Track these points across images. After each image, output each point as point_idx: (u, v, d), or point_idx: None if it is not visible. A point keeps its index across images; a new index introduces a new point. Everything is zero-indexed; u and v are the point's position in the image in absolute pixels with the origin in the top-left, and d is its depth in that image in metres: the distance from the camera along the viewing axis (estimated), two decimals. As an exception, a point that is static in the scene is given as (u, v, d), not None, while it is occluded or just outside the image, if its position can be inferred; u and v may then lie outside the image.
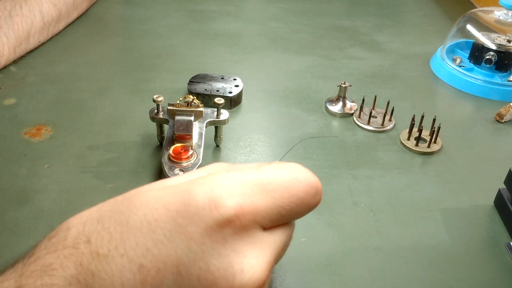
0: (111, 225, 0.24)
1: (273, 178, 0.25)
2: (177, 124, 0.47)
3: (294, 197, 0.25)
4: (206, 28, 0.81)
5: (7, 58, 0.65)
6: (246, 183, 0.25)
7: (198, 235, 0.23)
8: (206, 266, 0.22)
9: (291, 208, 0.25)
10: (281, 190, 0.25)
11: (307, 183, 0.26)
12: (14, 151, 0.51)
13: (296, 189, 0.25)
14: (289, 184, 0.25)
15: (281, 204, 0.25)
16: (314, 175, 0.27)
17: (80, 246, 0.23)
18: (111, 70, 0.67)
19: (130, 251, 0.23)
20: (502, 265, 0.41)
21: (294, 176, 0.26)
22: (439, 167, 0.52)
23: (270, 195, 0.25)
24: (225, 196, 0.23)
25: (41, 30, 0.71)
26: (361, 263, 0.40)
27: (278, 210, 0.25)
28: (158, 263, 0.22)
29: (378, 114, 0.58)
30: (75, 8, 0.78)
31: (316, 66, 0.71)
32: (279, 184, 0.25)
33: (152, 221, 0.23)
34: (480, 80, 0.65)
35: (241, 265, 0.23)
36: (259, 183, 0.25)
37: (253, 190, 0.24)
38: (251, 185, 0.25)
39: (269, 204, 0.24)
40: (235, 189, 0.24)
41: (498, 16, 0.69)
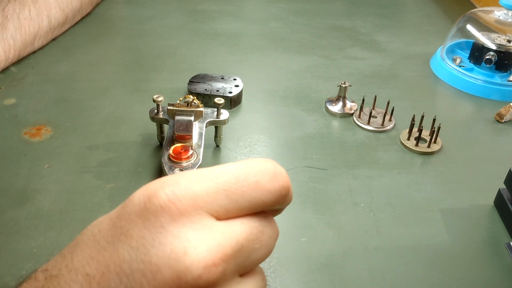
0: (66, 250, 0.25)
1: (218, 167, 0.25)
2: (177, 124, 0.47)
3: (244, 181, 0.24)
4: (206, 28, 0.81)
5: (11, 61, 0.65)
6: (185, 175, 0.24)
7: (136, 230, 0.23)
8: (148, 258, 0.22)
9: (243, 193, 0.24)
10: (226, 175, 0.24)
11: (258, 166, 0.25)
12: (14, 151, 0.51)
13: (244, 172, 0.24)
14: (237, 169, 0.24)
15: (228, 188, 0.24)
16: (272, 161, 0.25)
17: (38, 275, 0.24)
18: (111, 70, 0.67)
19: (77, 264, 0.23)
20: (502, 265, 0.41)
21: (243, 163, 0.25)
22: (439, 167, 0.52)
23: (213, 180, 0.24)
24: (159, 188, 0.23)
25: (46, 34, 0.71)
26: (361, 263, 0.40)
27: (226, 195, 0.24)
28: (101, 267, 0.23)
29: (378, 114, 0.58)
30: (80, 13, 0.79)
31: (316, 66, 0.71)
32: (224, 171, 0.24)
33: (96, 233, 0.24)
34: (480, 80, 0.65)
35: (184, 249, 0.22)
36: (201, 173, 0.24)
37: (191, 178, 0.24)
38: (191, 174, 0.24)
39: (212, 188, 0.23)
40: (171, 181, 0.24)
41: (498, 16, 0.69)
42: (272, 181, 0.24)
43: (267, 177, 0.24)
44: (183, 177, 0.24)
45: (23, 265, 0.39)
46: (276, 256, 0.41)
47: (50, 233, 0.42)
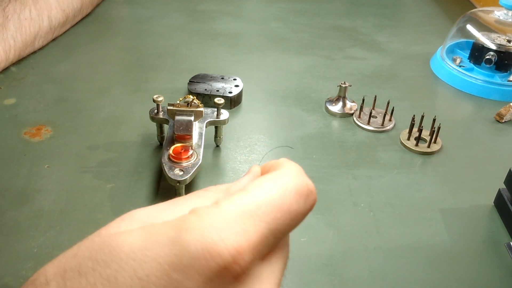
0: (97, 280, 0.21)
1: (262, 200, 0.23)
2: (177, 124, 0.47)
3: (287, 213, 0.23)
4: (206, 28, 0.81)
5: (11, 61, 0.65)
6: (236, 218, 0.22)
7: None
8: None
9: (286, 225, 0.23)
10: (272, 211, 0.23)
11: (297, 191, 0.24)
12: (14, 151, 0.51)
13: (288, 203, 0.23)
14: (280, 200, 0.23)
15: (276, 226, 0.23)
16: (302, 174, 0.25)
17: None
18: (111, 70, 0.67)
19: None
20: (502, 265, 0.41)
21: (282, 188, 0.23)
22: (439, 167, 0.52)
23: (263, 221, 0.22)
24: (219, 241, 0.21)
25: (46, 35, 0.71)
26: (361, 263, 0.40)
27: (274, 234, 0.23)
28: None
29: (378, 114, 0.58)
30: (80, 13, 0.79)
31: (316, 66, 0.71)
32: (269, 205, 0.23)
33: (143, 277, 0.21)
34: (480, 80, 0.65)
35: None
36: (250, 212, 0.22)
37: (245, 223, 0.22)
38: (242, 217, 0.22)
39: (264, 233, 0.22)
40: (227, 229, 0.22)
41: (498, 16, 0.69)
42: (307, 204, 0.24)
43: (303, 201, 0.24)
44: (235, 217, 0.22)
45: (23, 265, 0.39)
46: (276, 256, 0.41)
47: (50, 233, 0.42)
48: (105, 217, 0.43)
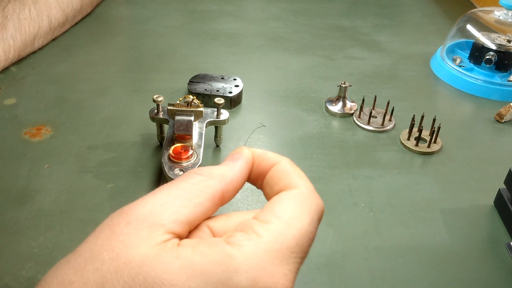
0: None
1: (299, 235, 0.23)
2: (177, 124, 0.47)
3: (312, 240, 0.24)
4: (206, 28, 0.81)
5: (11, 61, 0.65)
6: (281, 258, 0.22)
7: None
8: None
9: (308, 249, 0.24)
10: (305, 244, 0.23)
11: (319, 218, 0.25)
12: (14, 151, 0.51)
13: (314, 231, 0.24)
14: (310, 231, 0.24)
15: (301, 259, 0.23)
16: (315, 193, 0.25)
17: None
18: (111, 70, 0.67)
19: None
20: (502, 265, 0.41)
21: (310, 217, 0.24)
22: (439, 167, 0.52)
23: (300, 258, 0.23)
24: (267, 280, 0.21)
25: (46, 35, 0.71)
26: (361, 263, 0.40)
27: (302, 262, 0.23)
28: None
29: (378, 114, 0.58)
30: (80, 13, 0.79)
31: (316, 66, 0.71)
32: (303, 239, 0.23)
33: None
34: (480, 80, 0.65)
35: None
36: (292, 249, 0.23)
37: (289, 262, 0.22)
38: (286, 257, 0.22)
39: (295, 266, 0.23)
40: (277, 272, 0.22)
41: (498, 16, 0.69)
42: (318, 223, 0.25)
43: (317, 226, 0.24)
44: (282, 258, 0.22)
45: (23, 265, 0.39)
46: (276, 256, 0.41)
47: (50, 233, 0.42)
48: (105, 217, 0.43)
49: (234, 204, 0.46)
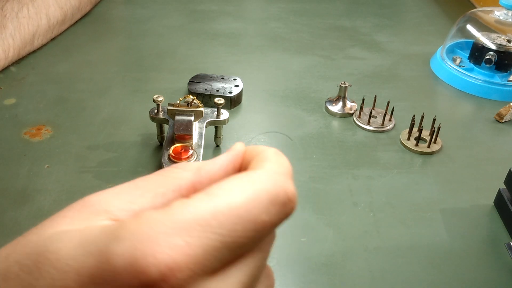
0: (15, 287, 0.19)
1: (220, 208, 0.19)
2: (177, 124, 0.47)
3: (252, 224, 0.19)
4: (206, 28, 0.81)
5: (10, 60, 0.65)
6: (183, 228, 0.19)
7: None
8: None
9: (249, 238, 0.19)
10: (231, 222, 0.19)
11: (271, 199, 0.20)
12: (14, 151, 0.51)
13: (255, 213, 0.19)
14: (245, 210, 0.19)
15: (234, 239, 0.19)
16: (285, 176, 0.21)
17: None
18: (111, 70, 0.67)
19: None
20: (502, 265, 0.41)
21: (254, 195, 0.20)
22: (439, 167, 0.52)
23: (215, 233, 0.19)
24: (149, 256, 0.18)
25: (45, 33, 0.71)
26: (361, 263, 0.40)
27: (230, 248, 0.19)
28: None
29: (378, 114, 0.58)
30: (79, 11, 0.79)
31: (316, 66, 0.71)
32: (228, 215, 0.19)
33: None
34: (480, 80, 0.65)
35: None
36: (201, 221, 0.19)
37: (191, 235, 0.19)
38: (190, 228, 0.19)
39: (214, 246, 0.19)
40: (164, 241, 0.18)
41: (498, 16, 0.69)
42: (281, 213, 0.20)
43: (276, 210, 0.20)
44: (179, 233, 0.19)
45: (23, 265, 0.39)
46: (276, 256, 0.41)
47: (50, 233, 0.42)
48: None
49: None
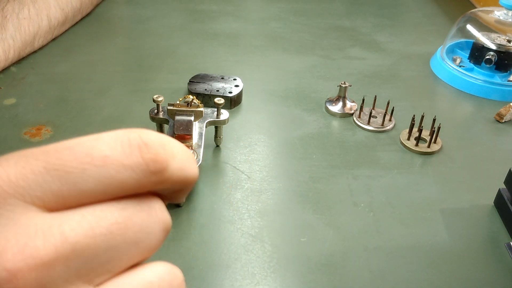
0: None
1: (52, 144, 0.18)
2: (177, 124, 0.47)
3: (87, 156, 0.18)
4: (206, 28, 0.81)
5: (11, 61, 0.65)
6: (2, 157, 0.18)
7: None
8: None
9: (84, 171, 0.17)
10: (61, 152, 0.18)
11: (113, 137, 0.18)
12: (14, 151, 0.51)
13: (88, 146, 0.18)
14: (78, 144, 0.18)
15: (61, 167, 0.17)
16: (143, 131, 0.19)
17: None
18: (111, 70, 0.67)
19: None
20: (502, 265, 0.41)
21: (93, 136, 0.18)
22: (439, 167, 0.52)
23: (39, 159, 0.18)
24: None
25: (46, 34, 0.70)
26: (361, 263, 0.40)
27: (58, 175, 0.17)
28: None
29: (378, 114, 0.58)
30: (80, 12, 0.79)
31: (316, 66, 0.71)
32: (60, 147, 0.18)
33: None
34: (480, 80, 0.65)
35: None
36: (26, 153, 0.18)
37: (8, 160, 0.18)
38: (10, 156, 0.18)
39: (36, 170, 0.17)
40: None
41: (498, 16, 0.69)
42: (132, 154, 0.18)
43: (123, 149, 0.18)
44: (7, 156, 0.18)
45: (23, 265, 0.39)
46: (276, 256, 0.41)
47: (50, 233, 0.42)
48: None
49: (234, 204, 0.46)
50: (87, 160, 0.18)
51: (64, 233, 0.17)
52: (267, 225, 0.44)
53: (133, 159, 0.18)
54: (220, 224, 0.44)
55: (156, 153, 0.18)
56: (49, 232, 0.17)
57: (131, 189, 0.19)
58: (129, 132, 0.19)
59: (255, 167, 0.50)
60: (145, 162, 0.18)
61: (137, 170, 0.18)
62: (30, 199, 0.17)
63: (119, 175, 0.18)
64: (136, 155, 0.18)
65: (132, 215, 0.19)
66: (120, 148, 0.18)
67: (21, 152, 0.18)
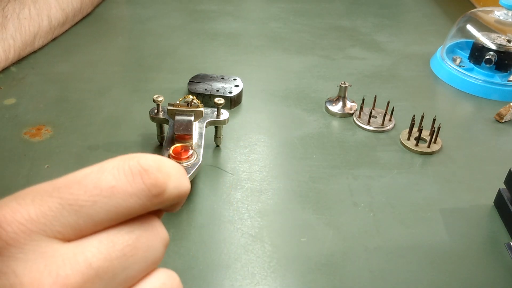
0: None
1: (63, 178, 0.20)
2: (177, 124, 0.47)
3: (95, 189, 0.19)
4: (206, 28, 0.81)
5: (11, 61, 0.65)
6: (18, 195, 0.20)
7: None
8: None
9: (95, 203, 0.19)
10: (71, 187, 0.20)
11: (115, 168, 0.20)
12: (14, 151, 0.51)
13: (95, 179, 0.20)
14: (85, 177, 0.20)
15: (75, 201, 0.19)
16: (142, 157, 0.21)
17: None
18: (111, 70, 0.67)
19: None
20: (502, 265, 0.41)
21: (97, 167, 0.20)
22: (439, 167, 0.52)
23: (53, 195, 0.19)
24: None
25: (46, 34, 0.70)
26: (361, 263, 0.40)
27: (73, 210, 0.19)
28: None
29: (378, 114, 0.58)
30: (80, 12, 0.79)
31: (316, 66, 0.71)
32: (69, 181, 0.20)
33: None
34: (480, 80, 0.65)
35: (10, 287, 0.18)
36: (39, 189, 0.20)
37: (24, 198, 0.19)
38: (25, 193, 0.20)
39: (52, 206, 0.19)
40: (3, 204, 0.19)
41: (498, 16, 0.69)
42: (135, 182, 0.20)
43: (127, 178, 0.20)
44: (14, 199, 0.20)
45: (23, 265, 0.39)
46: (276, 256, 0.41)
47: (50, 233, 0.42)
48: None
49: (234, 204, 0.46)
50: (96, 193, 0.19)
51: (87, 260, 0.19)
52: (267, 225, 0.44)
53: (136, 186, 0.20)
54: (220, 224, 0.44)
55: (156, 177, 0.20)
56: (75, 260, 0.19)
57: (136, 213, 0.21)
58: (128, 159, 0.20)
59: (255, 167, 0.50)
60: (147, 187, 0.20)
61: (140, 196, 0.20)
62: (51, 234, 0.19)
63: (126, 202, 0.20)
64: (138, 182, 0.20)
65: (139, 236, 0.21)
66: (124, 177, 0.20)
67: (33, 189, 0.20)
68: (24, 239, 0.19)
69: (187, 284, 0.38)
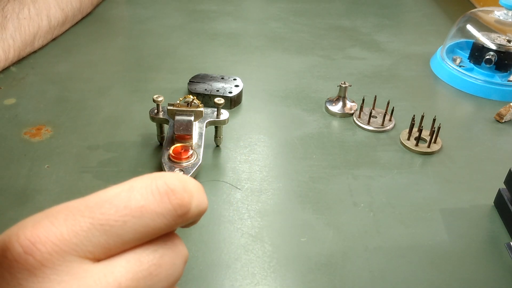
0: None
1: (94, 197, 0.20)
2: (177, 124, 0.47)
3: (125, 209, 0.20)
4: (206, 28, 0.81)
5: (11, 61, 0.65)
6: (51, 213, 0.20)
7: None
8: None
9: (125, 223, 0.20)
10: (101, 206, 0.20)
11: (144, 188, 0.20)
12: (14, 151, 0.51)
13: (125, 199, 0.20)
14: (116, 197, 0.20)
15: (106, 221, 0.19)
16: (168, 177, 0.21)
17: None
18: (111, 70, 0.67)
19: None
20: (502, 265, 0.41)
21: (127, 186, 0.21)
22: (439, 167, 0.52)
23: (85, 215, 0.20)
24: (14, 235, 0.19)
25: (46, 34, 0.70)
26: (361, 263, 0.40)
27: (104, 230, 0.19)
28: None
29: (378, 114, 0.58)
30: (80, 12, 0.79)
31: (316, 66, 0.71)
32: (100, 200, 0.20)
33: None
34: (480, 80, 0.65)
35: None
36: (71, 208, 0.20)
37: (57, 217, 0.20)
38: (58, 211, 0.20)
39: (83, 226, 0.19)
40: (30, 222, 0.20)
41: (498, 16, 0.69)
42: (163, 202, 0.20)
43: (155, 198, 0.20)
44: (46, 217, 0.20)
45: (23, 265, 0.39)
46: (276, 256, 0.41)
47: (50, 233, 0.42)
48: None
49: (234, 204, 0.46)
50: (126, 212, 0.20)
51: (116, 280, 0.19)
52: (267, 225, 0.44)
53: (164, 206, 0.20)
54: (220, 224, 0.44)
55: (182, 198, 0.21)
56: (105, 281, 0.19)
57: (161, 232, 0.21)
58: (156, 178, 0.21)
59: (255, 167, 0.50)
60: (173, 207, 0.21)
61: (167, 216, 0.21)
62: (83, 254, 0.19)
63: (154, 222, 0.20)
64: (166, 202, 0.21)
65: (163, 255, 0.21)
66: (152, 196, 0.20)
67: (65, 206, 0.20)
68: (57, 259, 0.19)
69: (187, 284, 0.38)
